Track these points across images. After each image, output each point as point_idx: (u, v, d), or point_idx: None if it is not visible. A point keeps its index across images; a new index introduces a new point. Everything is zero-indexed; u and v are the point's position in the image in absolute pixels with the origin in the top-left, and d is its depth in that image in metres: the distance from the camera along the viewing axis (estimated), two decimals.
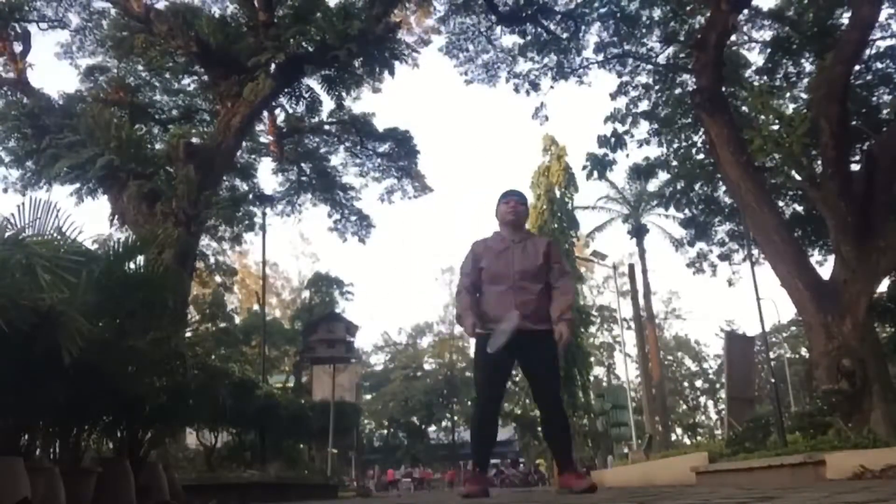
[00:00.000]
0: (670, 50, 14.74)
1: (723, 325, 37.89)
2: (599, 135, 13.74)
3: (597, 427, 25.25)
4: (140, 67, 14.58)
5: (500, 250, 4.16)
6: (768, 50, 14.36)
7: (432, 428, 45.57)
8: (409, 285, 79.44)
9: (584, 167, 13.95)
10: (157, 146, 13.34)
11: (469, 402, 43.41)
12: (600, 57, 14.64)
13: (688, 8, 13.80)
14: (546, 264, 4.13)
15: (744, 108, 13.47)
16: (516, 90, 15.10)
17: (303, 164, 17.35)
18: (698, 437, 44.49)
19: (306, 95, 14.28)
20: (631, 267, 28.94)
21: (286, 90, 13.69)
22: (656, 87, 14.96)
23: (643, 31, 14.54)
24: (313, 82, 13.92)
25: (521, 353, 3.99)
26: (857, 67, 10.99)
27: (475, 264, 4.21)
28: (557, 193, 25.60)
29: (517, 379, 35.99)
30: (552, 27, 14.52)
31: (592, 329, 36.25)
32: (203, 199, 10.85)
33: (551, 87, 15.06)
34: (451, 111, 78.04)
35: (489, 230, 4.46)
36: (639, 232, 28.47)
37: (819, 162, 9.76)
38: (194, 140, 12.34)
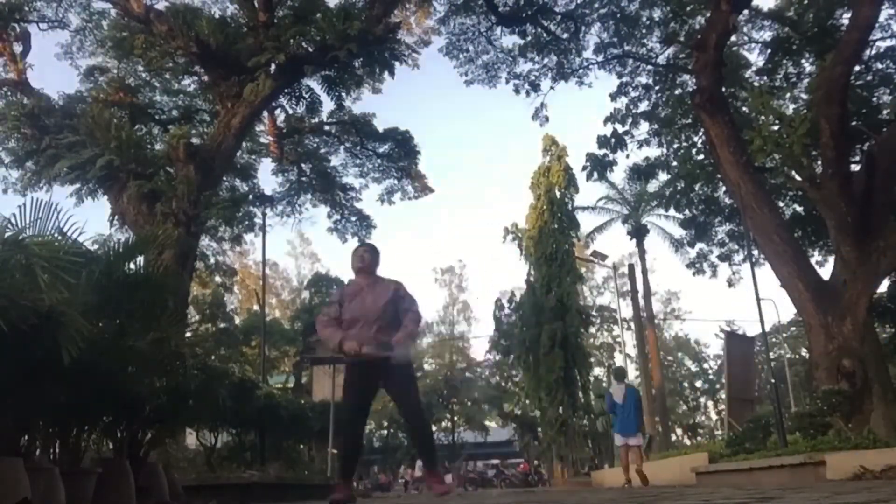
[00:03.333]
0: (670, 50, 14.76)
1: (723, 326, 37.86)
2: (599, 135, 13.79)
3: (597, 427, 25.22)
4: (140, 68, 14.56)
5: (354, 293, 4.86)
6: (768, 50, 14.37)
7: (432, 428, 45.54)
8: (408, 286, 79.27)
9: (585, 168, 13.99)
10: (157, 146, 13.33)
11: (468, 403, 43.48)
12: (600, 57, 14.66)
13: (688, 8, 13.80)
14: (394, 302, 4.79)
15: (744, 108, 13.48)
16: (516, 91, 15.13)
17: (303, 165, 17.32)
18: (698, 438, 44.51)
19: (306, 96, 14.25)
20: (631, 267, 28.91)
21: (286, 90, 13.66)
22: (656, 88, 14.97)
23: (643, 32, 14.55)
24: (313, 83, 13.90)
25: (381, 378, 4.70)
26: (857, 68, 10.99)
27: (336, 306, 4.91)
28: (557, 194, 25.58)
29: (517, 379, 35.98)
30: (552, 28, 14.51)
31: (592, 329, 36.27)
32: (203, 200, 10.84)
33: (551, 87, 15.09)
34: (451, 111, 78.03)
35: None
36: (639, 232, 28.42)
37: (819, 162, 9.77)
38: (194, 140, 12.33)
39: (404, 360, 4.70)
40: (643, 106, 14.93)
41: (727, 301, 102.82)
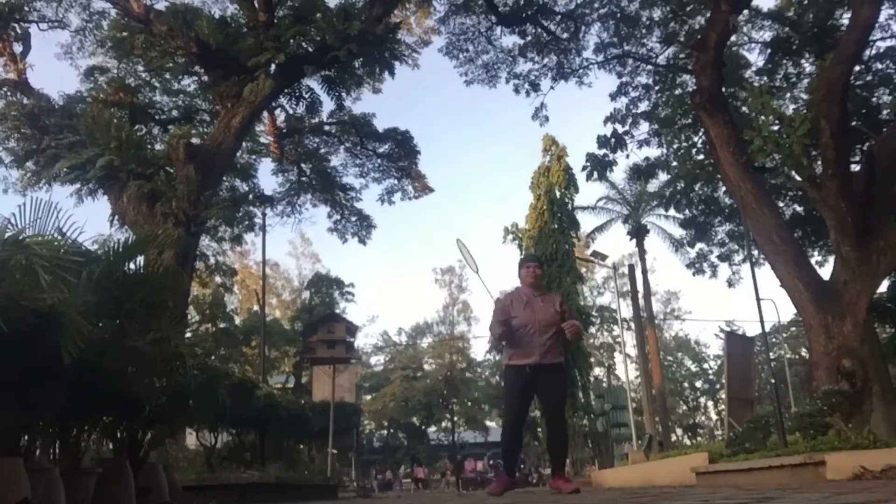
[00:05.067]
0: (670, 50, 14.75)
1: (723, 326, 37.87)
2: (599, 135, 13.77)
3: (597, 428, 25.23)
4: (140, 68, 14.54)
5: (525, 302, 5.39)
6: (768, 50, 14.36)
7: (432, 428, 45.55)
8: (409, 285, 79.41)
9: (585, 168, 13.96)
10: (157, 146, 13.31)
11: (469, 403, 43.47)
12: (600, 57, 14.66)
13: (688, 8, 13.80)
14: (560, 314, 5.35)
15: (744, 108, 13.47)
16: (516, 91, 15.13)
17: (303, 165, 17.31)
18: (698, 438, 44.52)
19: (306, 96, 14.22)
20: (631, 267, 28.91)
21: (286, 90, 13.64)
22: (656, 88, 14.96)
23: (643, 32, 14.55)
24: (313, 83, 13.87)
25: (539, 382, 5.25)
26: (857, 68, 10.99)
27: (505, 314, 5.33)
28: (557, 194, 25.59)
29: None
30: (552, 28, 14.51)
31: (592, 329, 36.26)
32: (203, 200, 10.82)
33: (551, 87, 15.09)
34: (451, 110, 78.01)
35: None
36: (639, 232, 28.43)
37: (819, 162, 9.76)
38: (194, 140, 12.30)
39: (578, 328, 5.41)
40: (643, 106, 14.93)
41: (727, 301, 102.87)
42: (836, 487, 3.65)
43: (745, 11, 12.79)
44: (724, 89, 11.59)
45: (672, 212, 18.50)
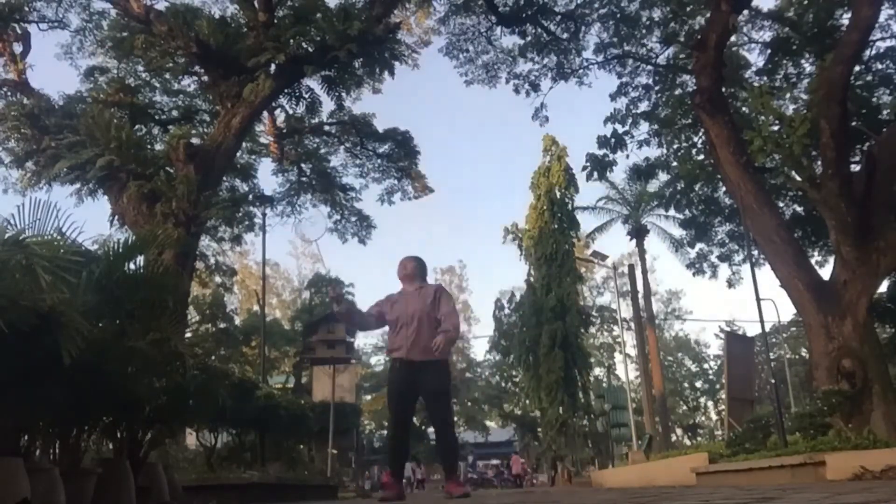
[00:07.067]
0: (670, 51, 14.76)
1: (723, 326, 37.87)
2: (599, 135, 13.76)
3: (597, 428, 25.24)
4: (140, 68, 14.53)
5: (395, 300, 5.31)
6: (768, 51, 14.37)
7: (432, 429, 45.57)
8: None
9: (585, 168, 13.97)
10: (157, 147, 13.31)
11: (469, 403, 43.47)
12: (600, 57, 14.66)
13: (688, 8, 13.80)
14: (435, 306, 5.16)
15: (744, 108, 13.48)
16: (516, 91, 15.14)
17: (303, 165, 17.30)
18: (698, 438, 44.53)
19: (306, 96, 14.19)
20: (631, 267, 28.92)
21: (286, 91, 13.62)
22: (656, 88, 14.96)
23: (643, 32, 14.55)
24: (313, 83, 13.85)
25: (416, 379, 5.01)
26: (857, 68, 10.99)
27: (379, 306, 5.35)
28: (558, 194, 25.60)
29: (517, 379, 36.02)
30: (552, 28, 14.51)
31: (592, 330, 36.26)
32: (203, 200, 10.82)
33: (551, 87, 15.09)
34: (451, 110, 77.97)
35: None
36: (639, 232, 28.45)
37: (819, 162, 9.76)
38: (194, 140, 12.30)
39: (442, 346, 4.97)
40: (643, 106, 14.92)
41: (727, 301, 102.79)
42: (836, 487, 3.65)
43: (745, 11, 12.79)
44: (724, 89, 11.59)
45: (672, 212, 18.53)
